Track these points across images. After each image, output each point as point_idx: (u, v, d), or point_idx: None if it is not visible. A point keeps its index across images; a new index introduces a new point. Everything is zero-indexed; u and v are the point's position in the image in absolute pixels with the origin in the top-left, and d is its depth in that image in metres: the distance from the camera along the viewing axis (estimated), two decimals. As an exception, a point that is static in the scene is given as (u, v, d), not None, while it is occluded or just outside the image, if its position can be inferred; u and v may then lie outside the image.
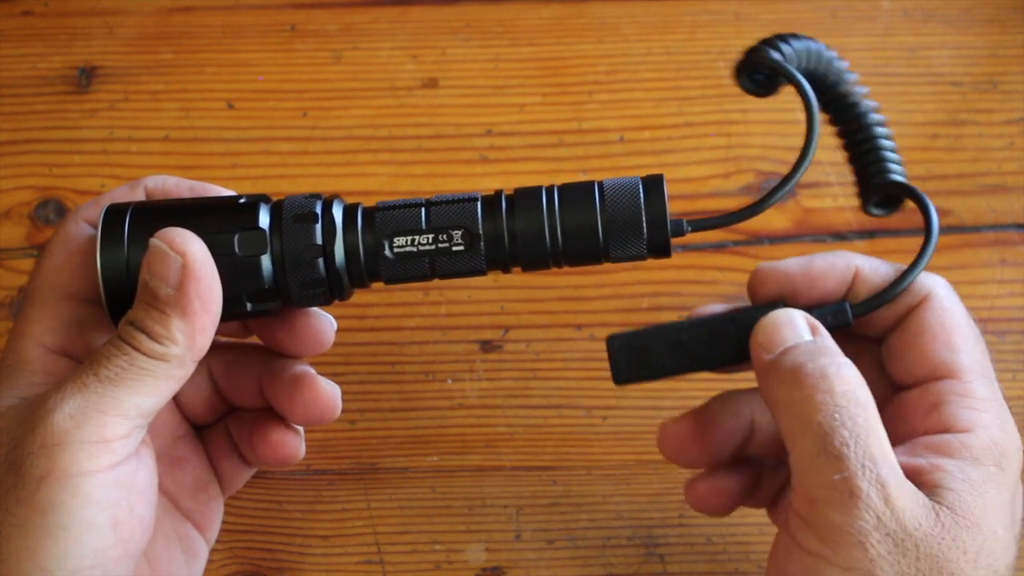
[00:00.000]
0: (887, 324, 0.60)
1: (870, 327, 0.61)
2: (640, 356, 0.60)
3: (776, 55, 0.61)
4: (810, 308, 0.59)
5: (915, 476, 0.55)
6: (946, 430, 0.56)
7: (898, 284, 0.59)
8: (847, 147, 0.64)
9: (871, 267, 0.60)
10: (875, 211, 0.63)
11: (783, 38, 0.61)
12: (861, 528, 0.53)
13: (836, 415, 0.54)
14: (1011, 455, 0.56)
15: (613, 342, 0.60)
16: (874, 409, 0.55)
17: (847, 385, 0.55)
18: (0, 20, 0.79)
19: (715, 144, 0.76)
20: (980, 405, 0.57)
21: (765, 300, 0.60)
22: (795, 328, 0.57)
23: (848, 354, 0.58)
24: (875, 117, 0.62)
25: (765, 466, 0.63)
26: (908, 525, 0.53)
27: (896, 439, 0.57)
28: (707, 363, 0.60)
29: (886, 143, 0.63)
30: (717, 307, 0.61)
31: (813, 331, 0.57)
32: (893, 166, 0.62)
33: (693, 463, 0.62)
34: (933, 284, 0.59)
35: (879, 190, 0.62)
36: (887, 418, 0.58)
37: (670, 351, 0.60)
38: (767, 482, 0.63)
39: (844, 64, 0.63)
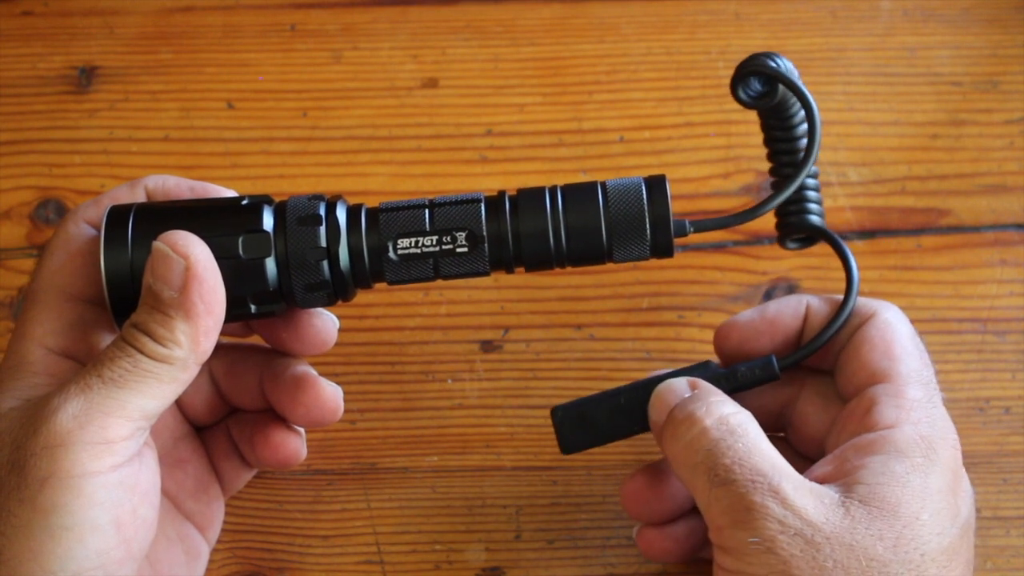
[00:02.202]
0: (838, 349, 0.62)
1: (825, 359, 0.63)
2: (583, 424, 0.62)
3: (773, 64, 0.61)
4: (738, 364, 0.62)
5: (837, 478, 0.56)
6: (873, 429, 0.58)
7: (822, 335, 0.62)
8: (774, 173, 0.65)
9: (818, 303, 0.63)
10: (790, 245, 0.66)
11: (772, 54, 0.62)
12: (766, 536, 0.54)
13: (713, 449, 0.56)
14: (940, 448, 0.57)
15: (556, 413, 0.62)
16: (756, 431, 0.57)
17: (718, 417, 0.57)
18: (0, 20, 0.79)
19: (715, 144, 0.76)
20: (908, 404, 0.58)
21: (731, 351, 0.63)
22: (674, 392, 0.60)
23: (808, 386, 0.63)
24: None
25: None
26: (815, 521, 0.54)
27: (833, 449, 0.59)
28: (644, 425, 0.62)
29: (810, 182, 0.65)
30: (663, 371, 0.63)
31: (692, 387, 0.60)
32: (813, 206, 0.65)
33: (657, 516, 0.63)
34: (879, 305, 0.62)
35: (796, 230, 0.65)
36: (833, 432, 0.60)
37: (610, 416, 0.62)
38: None
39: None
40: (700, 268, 0.73)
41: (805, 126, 0.64)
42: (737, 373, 0.61)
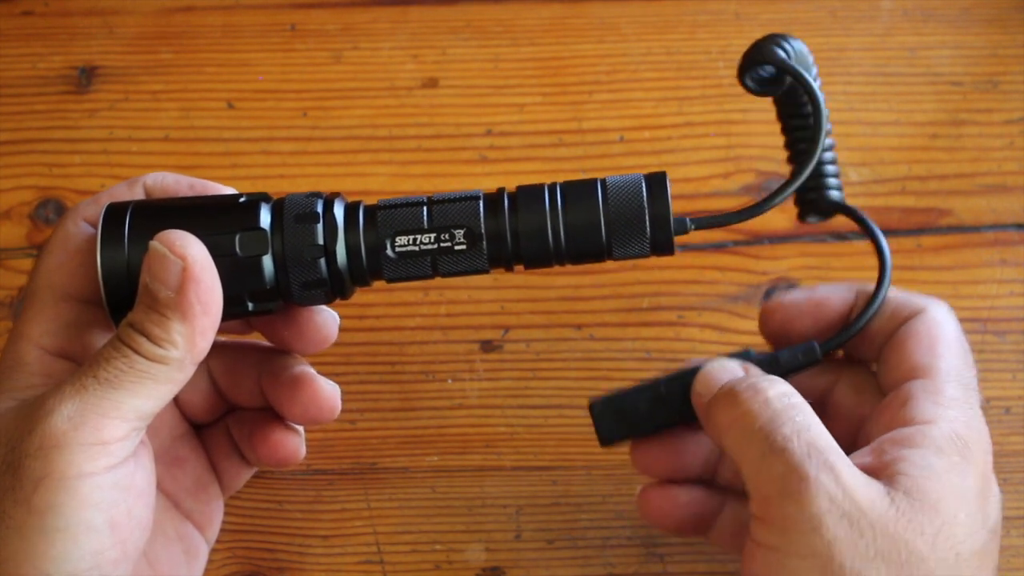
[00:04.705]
0: (882, 341, 0.62)
1: (869, 349, 0.62)
2: (622, 416, 0.62)
3: (781, 53, 0.61)
4: (780, 349, 0.61)
5: (877, 471, 0.56)
6: (910, 423, 0.57)
7: (861, 318, 0.61)
8: (790, 147, 0.65)
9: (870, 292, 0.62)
10: (810, 219, 0.65)
11: (783, 37, 0.61)
12: (815, 514, 0.54)
13: (774, 418, 0.56)
14: (975, 449, 0.57)
15: (595, 406, 0.62)
16: (812, 412, 0.57)
17: (780, 392, 0.57)
18: (0, 20, 0.79)
19: (715, 144, 0.76)
20: (946, 402, 0.58)
21: (774, 331, 0.63)
22: (727, 370, 0.60)
23: (844, 377, 0.62)
24: (827, 127, 0.64)
25: (729, 496, 0.63)
26: (862, 504, 0.54)
27: (868, 440, 0.58)
28: (684, 415, 0.61)
29: (828, 156, 0.64)
30: (701, 359, 0.63)
31: (745, 371, 0.60)
32: (831, 181, 0.64)
33: (663, 471, 0.63)
34: (930, 302, 0.61)
35: (817, 207, 0.64)
36: (868, 424, 0.60)
37: (649, 407, 0.61)
38: (730, 514, 0.63)
39: (816, 70, 0.63)
40: (700, 268, 0.73)
41: (825, 111, 0.63)
42: (779, 359, 0.61)
